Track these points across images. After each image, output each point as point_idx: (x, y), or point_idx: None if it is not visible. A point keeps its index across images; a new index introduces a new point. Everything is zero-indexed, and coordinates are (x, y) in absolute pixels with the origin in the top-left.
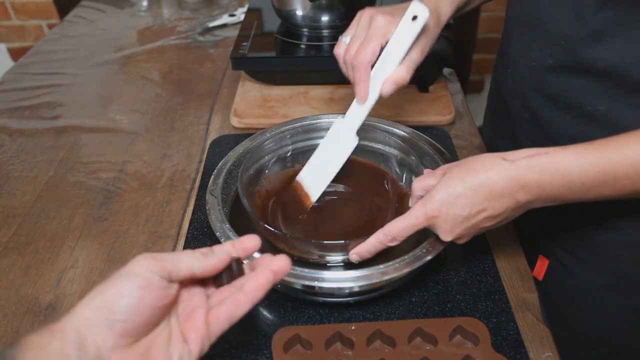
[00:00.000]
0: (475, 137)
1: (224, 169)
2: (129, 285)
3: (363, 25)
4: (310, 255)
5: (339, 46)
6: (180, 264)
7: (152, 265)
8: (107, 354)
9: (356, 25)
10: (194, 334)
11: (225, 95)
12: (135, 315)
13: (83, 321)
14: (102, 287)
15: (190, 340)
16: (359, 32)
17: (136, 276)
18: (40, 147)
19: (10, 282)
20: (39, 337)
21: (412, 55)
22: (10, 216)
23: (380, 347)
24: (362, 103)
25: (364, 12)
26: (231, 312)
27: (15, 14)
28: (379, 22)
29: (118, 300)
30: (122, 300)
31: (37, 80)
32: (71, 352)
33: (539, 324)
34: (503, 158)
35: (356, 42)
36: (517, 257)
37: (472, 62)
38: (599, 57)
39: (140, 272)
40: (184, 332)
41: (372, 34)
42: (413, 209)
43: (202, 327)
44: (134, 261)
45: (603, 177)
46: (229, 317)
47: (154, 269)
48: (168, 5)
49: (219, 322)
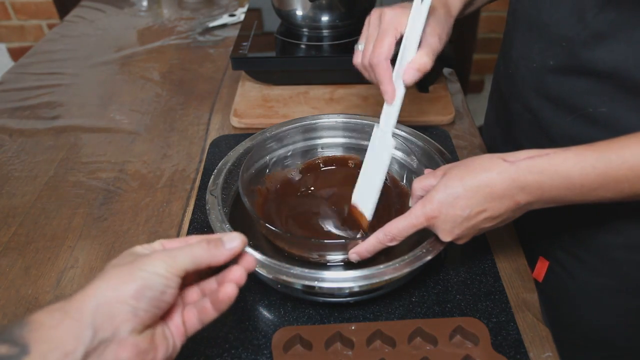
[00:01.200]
0: (475, 137)
1: (224, 169)
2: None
3: (374, 24)
4: (310, 255)
5: (356, 56)
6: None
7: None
8: (124, 336)
9: (367, 28)
10: (176, 329)
11: (225, 95)
12: (155, 307)
13: (106, 303)
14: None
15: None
16: (372, 32)
17: (160, 275)
18: (40, 147)
19: (10, 282)
20: (48, 315)
21: (430, 40)
22: (10, 216)
23: (380, 347)
24: (391, 103)
25: (372, 13)
26: (201, 318)
27: (15, 14)
28: (388, 16)
29: (145, 292)
30: (148, 292)
31: (37, 80)
32: (85, 333)
33: (539, 324)
34: (503, 159)
35: (371, 42)
36: (517, 258)
37: (472, 62)
38: (601, 59)
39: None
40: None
41: (384, 29)
42: (413, 209)
43: (181, 324)
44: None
45: (603, 179)
46: (199, 321)
47: (174, 271)
48: (168, 5)
49: (191, 323)
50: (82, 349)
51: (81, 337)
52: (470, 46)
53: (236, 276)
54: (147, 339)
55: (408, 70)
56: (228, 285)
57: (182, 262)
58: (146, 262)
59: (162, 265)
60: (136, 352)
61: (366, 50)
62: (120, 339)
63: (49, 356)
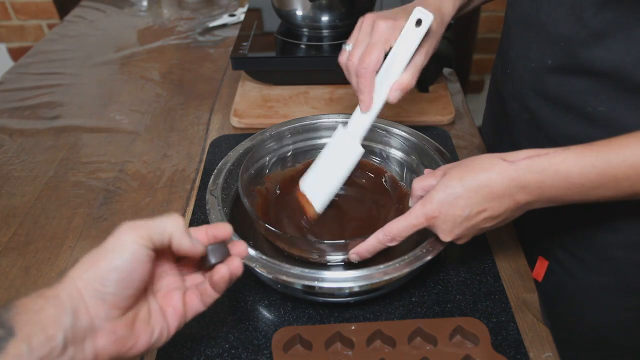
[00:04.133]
0: (475, 137)
1: (224, 169)
2: (119, 260)
3: (365, 31)
4: (310, 255)
5: (342, 54)
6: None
7: (138, 237)
8: (100, 324)
9: (358, 31)
10: (173, 311)
11: (225, 95)
12: (125, 288)
13: (76, 292)
14: (93, 259)
15: (168, 316)
16: (362, 38)
17: (126, 251)
18: (40, 147)
19: (10, 282)
20: (32, 301)
21: (416, 59)
22: (10, 216)
23: (380, 347)
24: (366, 112)
25: (366, 17)
26: (203, 299)
27: (15, 14)
28: (381, 27)
29: (110, 275)
30: (112, 274)
31: (37, 80)
32: (65, 319)
33: (539, 324)
34: (503, 159)
35: (359, 48)
36: (517, 258)
37: (472, 62)
38: (599, 58)
39: (129, 247)
40: (163, 308)
41: (375, 41)
42: (413, 209)
43: (180, 306)
44: (121, 233)
45: (603, 178)
46: (202, 302)
47: (141, 241)
48: (168, 5)
49: (194, 304)
50: (61, 334)
51: (61, 322)
52: (470, 46)
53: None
54: (126, 325)
55: (393, 91)
56: (222, 267)
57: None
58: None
59: (131, 237)
60: (114, 339)
61: (353, 53)
62: (97, 327)
63: (33, 339)
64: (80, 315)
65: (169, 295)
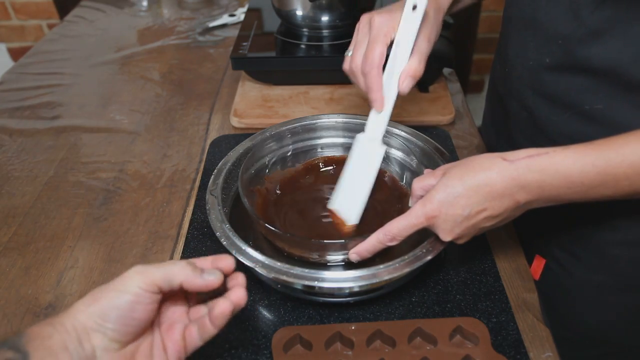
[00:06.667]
0: (475, 137)
1: (224, 169)
2: (120, 300)
3: (363, 31)
4: (310, 255)
5: (345, 62)
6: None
7: (142, 282)
8: (100, 354)
9: (357, 35)
10: (172, 346)
11: (225, 95)
12: (124, 325)
13: (79, 324)
14: (97, 295)
15: (168, 350)
16: (361, 38)
17: (128, 293)
18: (40, 147)
19: (10, 282)
20: (41, 328)
21: (421, 45)
22: (10, 216)
23: (380, 347)
24: (380, 111)
25: (362, 19)
26: (201, 334)
27: (15, 14)
28: (378, 22)
29: (110, 312)
30: (113, 312)
31: (37, 80)
32: (71, 347)
33: (539, 324)
34: (503, 158)
35: (360, 48)
36: (517, 257)
37: (472, 62)
38: (597, 56)
39: (131, 289)
40: (164, 341)
41: (375, 36)
42: (413, 208)
43: (180, 340)
44: (127, 276)
45: (603, 177)
46: (200, 337)
47: (145, 286)
48: (168, 5)
49: (192, 339)
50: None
51: (69, 349)
52: (470, 46)
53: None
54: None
55: (403, 80)
56: (223, 302)
57: (155, 277)
58: (122, 278)
59: (136, 281)
60: None
61: (354, 57)
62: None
63: None
64: (84, 344)
65: (171, 329)
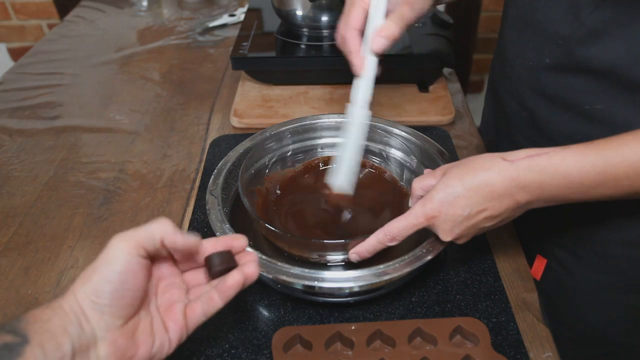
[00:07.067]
0: (475, 137)
1: (224, 169)
2: (110, 272)
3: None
4: (310, 255)
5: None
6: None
7: (129, 247)
8: (102, 334)
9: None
10: (174, 325)
11: (225, 95)
12: (120, 298)
13: (76, 304)
14: (88, 273)
15: (170, 329)
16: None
17: (116, 263)
18: (40, 147)
19: (10, 282)
20: (40, 312)
21: (402, 10)
22: (10, 216)
23: (380, 347)
24: (360, 75)
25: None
26: (205, 309)
27: (15, 14)
28: None
29: (103, 287)
30: (106, 287)
31: (37, 80)
32: (71, 329)
33: (539, 324)
34: (503, 158)
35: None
36: (517, 257)
37: (472, 62)
38: (596, 56)
39: (119, 258)
40: (165, 321)
41: (351, 3)
42: (413, 208)
43: (181, 319)
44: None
45: (603, 177)
46: (203, 313)
47: (132, 251)
48: (168, 5)
49: (195, 316)
50: (69, 343)
51: (68, 331)
52: (470, 46)
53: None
54: (126, 336)
55: (375, 39)
56: (237, 273)
57: (138, 238)
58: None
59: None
60: (114, 349)
61: (338, 26)
62: (99, 337)
63: (46, 345)
64: (83, 326)
65: (171, 309)
